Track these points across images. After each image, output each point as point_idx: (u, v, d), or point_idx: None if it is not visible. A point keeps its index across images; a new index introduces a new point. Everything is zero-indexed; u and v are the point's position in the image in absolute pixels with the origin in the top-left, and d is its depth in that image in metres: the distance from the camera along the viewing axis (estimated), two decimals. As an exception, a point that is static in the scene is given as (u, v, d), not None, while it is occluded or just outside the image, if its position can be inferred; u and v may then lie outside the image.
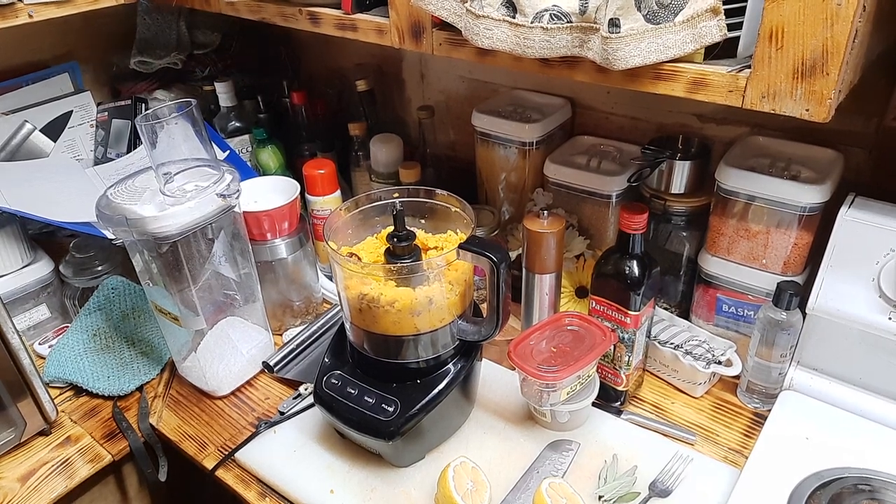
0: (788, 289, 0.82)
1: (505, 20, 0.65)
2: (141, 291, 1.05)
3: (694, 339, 0.95)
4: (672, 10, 0.57)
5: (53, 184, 1.15)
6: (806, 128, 0.85)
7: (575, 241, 1.02)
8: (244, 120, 1.30)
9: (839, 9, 0.51)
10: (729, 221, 0.88)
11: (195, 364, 0.96)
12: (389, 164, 1.20)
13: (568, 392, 0.83)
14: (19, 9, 0.91)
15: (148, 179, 0.86)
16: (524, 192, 1.09)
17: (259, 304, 1.01)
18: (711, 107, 0.95)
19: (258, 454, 0.88)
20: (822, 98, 0.55)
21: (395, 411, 0.79)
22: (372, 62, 1.34)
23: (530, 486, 0.80)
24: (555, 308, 0.97)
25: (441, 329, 0.80)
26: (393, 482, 0.82)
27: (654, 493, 0.78)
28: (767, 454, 0.79)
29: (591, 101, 1.08)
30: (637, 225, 0.81)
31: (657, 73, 0.62)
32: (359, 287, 0.77)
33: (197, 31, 1.31)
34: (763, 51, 0.56)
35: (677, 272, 0.99)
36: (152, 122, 0.80)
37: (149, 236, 0.81)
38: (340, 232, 0.85)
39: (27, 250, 1.07)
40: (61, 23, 0.99)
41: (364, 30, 0.85)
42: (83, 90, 1.28)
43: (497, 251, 0.74)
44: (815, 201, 0.81)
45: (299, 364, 1.02)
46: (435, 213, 0.86)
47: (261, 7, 0.96)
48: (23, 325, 1.08)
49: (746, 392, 0.91)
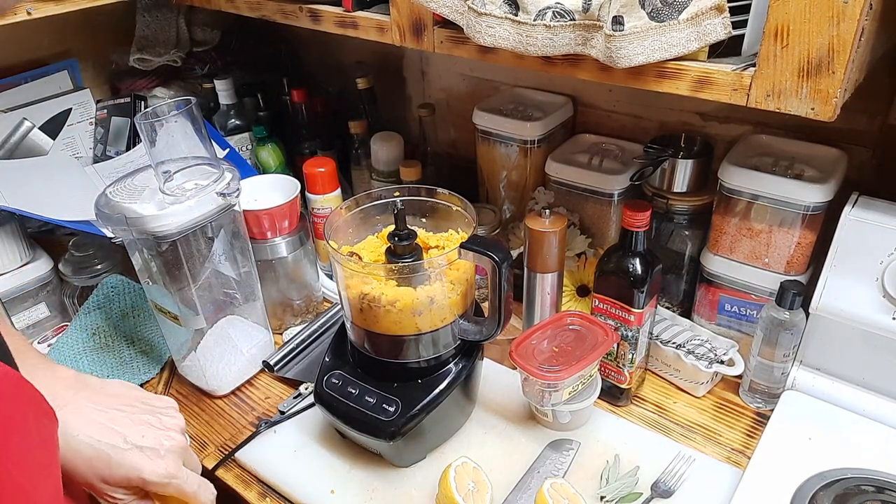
0: (792, 288, 0.81)
1: (507, 18, 0.65)
2: (140, 290, 1.05)
3: (696, 338, 0.94)
4: (676, 7, 0.57)
5: (52, 182, 1.15)
6: (809, 126, 0.84)
7: (576, 239, 1.01)
8: (244, 118, 1.30)
9: (846, 7, 0.50)
10: (731, 220, 0.88)
11: (195, 363, 0.95)
12: (390, 163, 1.19)
13: (570, 392, 0.82)
14: (18, 6, 0.91)
15: (147, 178, 0.85)
16: (525, 191, 1.08)
17: (259, 302, 1.00)
18: (714, 105, 0.95)
19: (258, 454, 0.87)
20: (828, 97, 0.54)
21: (395, 411, 0.78)
22: (372, 60, 1.33)
23: (531, 486, 0.79)
24: (556, 307, 0.97)
25: (442, 329, 0.79)
26: (394, 482, 0.82)
27: (656, 493, 0.78)
28: (770, 454, 0.79)
29: (593, 99, 1.07)
30: (640, 222, 0.80)
31: (661, 72, 0.61)
32: (360, 286, 0.77)
33: (196, 29, 1.31)
34: (768, 49, 0.55)
35: (679, 271, 0.99)
36: (151, 120, 0.80)
37: (148, 235, 0.81)
38: (341, 231, 0.84)
39: (26, 249, 1.06)
40: (60, 20, 0.98)
41: (365, 27, 0.85)
42: (82, 88, 1.27)
43: (499, 250, 0.74)
44: (819, 200, 0.81)
45: (300, 363, 1.01)
46: (436, 211, 0.86)
47: (261, 4, 0.96)
48: (22, 323, 1.08)
49: (749, 392, 0.90)
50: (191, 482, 0.63)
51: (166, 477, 0.60)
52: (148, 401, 0.65)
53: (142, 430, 0.61)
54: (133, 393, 0.65)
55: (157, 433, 0.62)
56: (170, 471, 0.60)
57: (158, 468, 0.60)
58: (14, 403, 0.46)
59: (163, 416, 0.64)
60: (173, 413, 0.66)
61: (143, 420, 0.62)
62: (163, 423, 0.63)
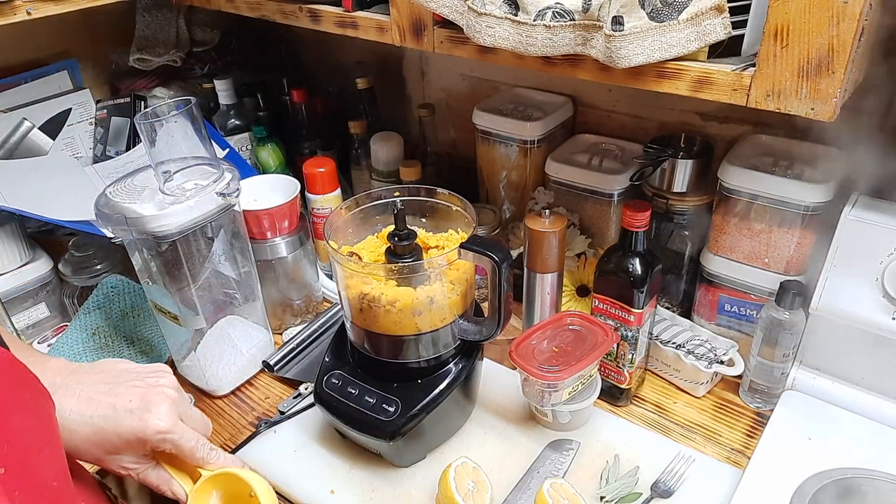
0: (791, 288, 0.81)
1: (507, 18, 0.65)
2: (140, 290, 1.05)
3: (696, 338, 0.94)
4: (676, 7, 0.57)
5: (52, 182, 1.15)
6: (809, 126, 0.84)
7: (576, 239, 1.01)
8: (244, 118, 1.30)
9: (845, 7, 0.50)
10: (731, 220, 0.88)
11: (195, 363, 0.95)
12: (390, 163, 1.19)
13: (570, 392, 0.82)
14: (18, 6, 0.90)
15: (147, 178, 0.85)
16: (525, 191, 1.08)
17: (259, 302, 1.00)
18: (714, 105, 0.95)
19: (258, 454, 0.87)
20: (828, 97, 0.54)
21: (395, 411, 0.78)
22: (372, 60, 1.33)
23: (531, 486, 0.79)
24: (556, 307, 0.97)
25: (442, 329, 0.79)
26: (394, 482, 0.82)
27: (656, 493, 0.78)
28: (770, 454, 0.79)
29: (593, 99, 1.07)
30: (640, 222, 0.80)
31: (661, 72, 0.61)
32: (359, 286, 0.77)
33: (196, 29, 1.31)
34: (768, 49, 0.55)
35: (679, 271, 0.99)
36: (151, 120, 0.80)
37: (148, 235, 0.81)
38: (341, 231, 0.84)
39: (26, 249, 1.06)
40: (60, 20, 0.98)
41: (365, 27, 0.85)
42: (82, 88, 1.27)
43: (499, 250, 0.74)
44: (819, 200, 0.81)
45: (299, 363, 1.01)
46: (436, 211, 0.85)
47: (261, 4, 0.96)
48: (21, 323, 1.08)
49: (748, 392, 0.90)
50: (187, 437, 0.63)
51: (159, 433, 0.60)
52: (135, 369, 0.66)
53: (130, 394, 0.61)
54: (119, 366, 0.66)
55: (145, 393, 0.62)
56: (162, 426, 0.60)
57: (150, 426, 0.60)
58: (9, 382, 0.46)
59: (150, 379, 0.64)
60: (162, 374, 0.66)
61: (131, 386, 0.62)
62: (150, 383, 0.63)
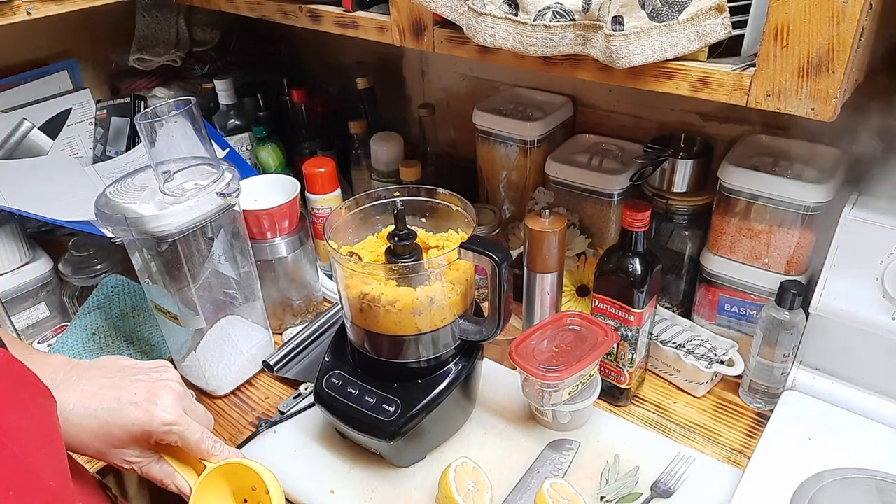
0: (791, 288, 0.81)
1: (507, 18, 0.65)
2: (140, 290, 1.05)
3: (696, 338, 0.94)
4: (676, 7, 0.57)
5: (52, 182, 1.15)
6: (809, 126, 0.84)
7: (576, 239, 1.01)
8: (244, 118, 1.29)
9: (845, 7, 0.50)
10: (731, 220, 0.88)
11: (195, 363, 0.95)
12: (390, 163, 1.19)
13: (570, 392, 0.82)
14: (17, 6, 0.90)
15: (147, 178, 0.85)
16: (525, 191, 1.08)
17: (259, 302, 1.00)
18: (714, 105, 0.95)
19: (258, 454, 0.87)
20: (828, 97, 0.54)
21: (395, 411, 0.78)
22: (372, 60, 1.33)
23: (531, 486, 0.79)
24: (556, 307, 0.97)
25: (442, 329, 0.79)
26: (394, 482, 0.82)
27: (656, 493, 0.78)
28: (770, 454, 0.79)
29: (593, 99, 1.07)
30: (640, 222, 0.80)
31: (661, 72, 0.61)
32: (359, 286, 0.77)
33: (196, 29, 1.31)
34: (768, 49, 0.55)
35: (679, 271, 0.99)
36: (151, 120, 0.80)
37: (148, 235, 0.81)
38: (341, 231, 0.84)
39: (26, 249, 1.06)
40: (60, 20, 0.98)
41: (365, 27, 0.85)
42: (82, 88, 1.27)
43: (499, 250, 0.74)
44: (819, 200, 0.81)
45: (299, 363, 1.01)
46: (436, 211, 0.85)
47: (261, 4, 0.96)
48: (21, 323, 1.08)
49: (748, 392, 0.90)
50: (192, 429, 0.63)
51: (165, 424, 0.60)
52: (136, 365, 0.66)
53: (134, 388, 0.62)
54: (120, 362, 0.66)
55: (150, 386, 0.62)
56: (167, 418, 0.61)
57: (156, 418, 0.60)
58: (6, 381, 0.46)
59: (153, 373, 0.64)
60: (165, 369, 0.66)
61: (135, 380, 0.63)
62: (154, 377, 0.64)
